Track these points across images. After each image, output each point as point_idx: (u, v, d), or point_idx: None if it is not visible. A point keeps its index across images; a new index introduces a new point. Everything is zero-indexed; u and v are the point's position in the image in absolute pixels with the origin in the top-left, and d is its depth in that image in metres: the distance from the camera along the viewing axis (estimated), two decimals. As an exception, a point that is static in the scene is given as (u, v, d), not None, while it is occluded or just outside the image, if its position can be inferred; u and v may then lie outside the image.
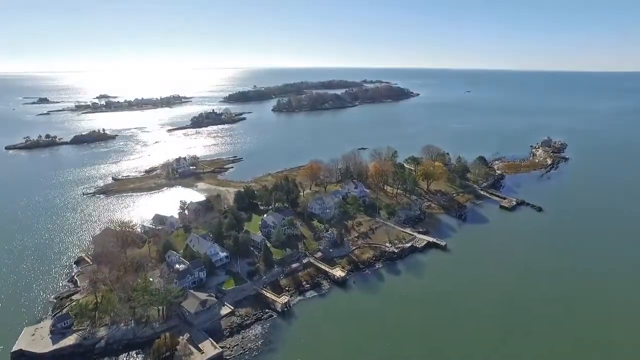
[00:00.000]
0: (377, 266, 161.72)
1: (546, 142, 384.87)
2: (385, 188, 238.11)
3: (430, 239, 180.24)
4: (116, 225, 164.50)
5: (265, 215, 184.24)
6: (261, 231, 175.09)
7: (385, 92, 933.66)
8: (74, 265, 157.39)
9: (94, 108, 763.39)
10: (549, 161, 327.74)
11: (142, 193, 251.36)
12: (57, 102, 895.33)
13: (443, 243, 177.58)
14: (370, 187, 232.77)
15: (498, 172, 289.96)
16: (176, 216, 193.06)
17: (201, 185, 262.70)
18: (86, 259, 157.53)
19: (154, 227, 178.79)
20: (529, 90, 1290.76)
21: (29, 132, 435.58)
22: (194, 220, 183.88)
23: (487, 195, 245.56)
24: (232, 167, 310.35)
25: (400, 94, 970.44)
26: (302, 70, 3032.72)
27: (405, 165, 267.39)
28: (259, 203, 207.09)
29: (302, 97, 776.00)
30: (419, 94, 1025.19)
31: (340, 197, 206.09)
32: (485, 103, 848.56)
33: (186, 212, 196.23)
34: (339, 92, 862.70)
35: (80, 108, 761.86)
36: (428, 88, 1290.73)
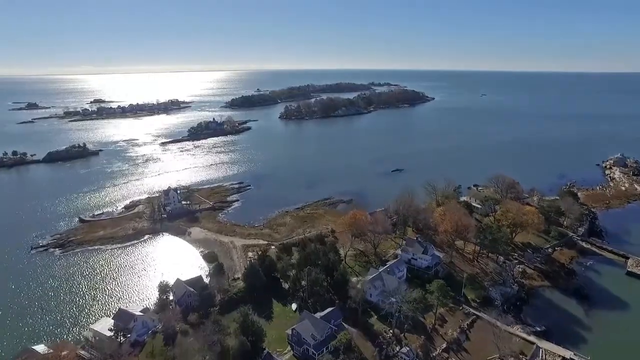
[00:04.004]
0: None
1: (620, 161, 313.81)
2: (455, 242, 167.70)
3: (567, 355, 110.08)
4: (45, 347, 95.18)
5: (297, 314, 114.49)
6: (292, 348, 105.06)
7: (400, 96, 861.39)
8: None
9: (83, 115, 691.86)
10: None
11: (114, 246, 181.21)
12: (46, 108, 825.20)
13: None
14: (437, 243, 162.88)
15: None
16: (152, 306, 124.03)
17: (196, 232, 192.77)
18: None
19: (113, 336, 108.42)
20: (543, 92, 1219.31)
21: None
22: (181, 320, 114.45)
23: (595, 250, 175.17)
24: (237, 201, 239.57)
25: (415, 98, 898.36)
26: (303, 72, 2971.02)
27: (473, 204, 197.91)
28: (281, 277, 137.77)
29: (312, 102, 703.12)
30: (434, 98, 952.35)
31: (405, 269, 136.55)
32: (510, 108, 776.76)
33: (171, 296, 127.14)
34: (350, 96, 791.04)
35: (69, 115, 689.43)
36: (440, 91, 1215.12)
